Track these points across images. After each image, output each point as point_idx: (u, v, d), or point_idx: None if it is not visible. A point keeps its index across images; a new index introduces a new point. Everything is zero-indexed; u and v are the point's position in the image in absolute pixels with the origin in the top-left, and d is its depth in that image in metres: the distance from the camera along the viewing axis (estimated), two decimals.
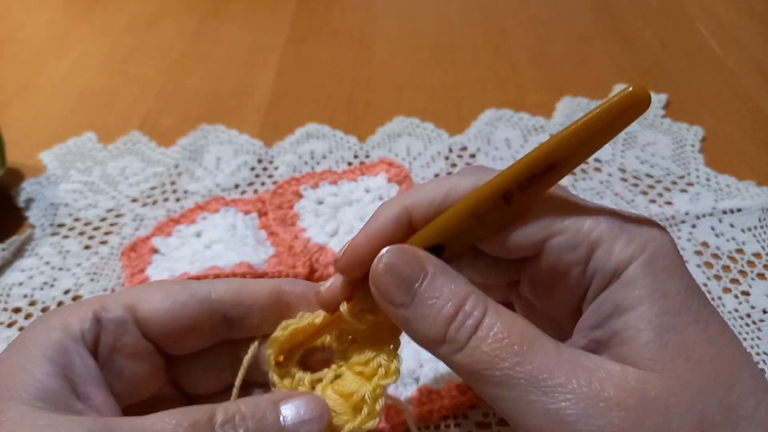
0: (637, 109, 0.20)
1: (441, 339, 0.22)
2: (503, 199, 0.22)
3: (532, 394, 0.20)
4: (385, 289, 0.23)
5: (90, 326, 0.24)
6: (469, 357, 0.21)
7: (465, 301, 0.22)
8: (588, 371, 0.20)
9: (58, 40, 0.76)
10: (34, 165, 0.57)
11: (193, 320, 0.26)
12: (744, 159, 0.55)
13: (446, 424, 0.37)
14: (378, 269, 0.23)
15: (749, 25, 0.73)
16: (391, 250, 0.23)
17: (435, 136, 0.58)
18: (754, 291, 0.44)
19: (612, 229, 0.22)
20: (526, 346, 0.20)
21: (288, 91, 0.66)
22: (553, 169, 0.22)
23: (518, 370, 0.20)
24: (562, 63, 0.68)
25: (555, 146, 0.21)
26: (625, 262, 0.21)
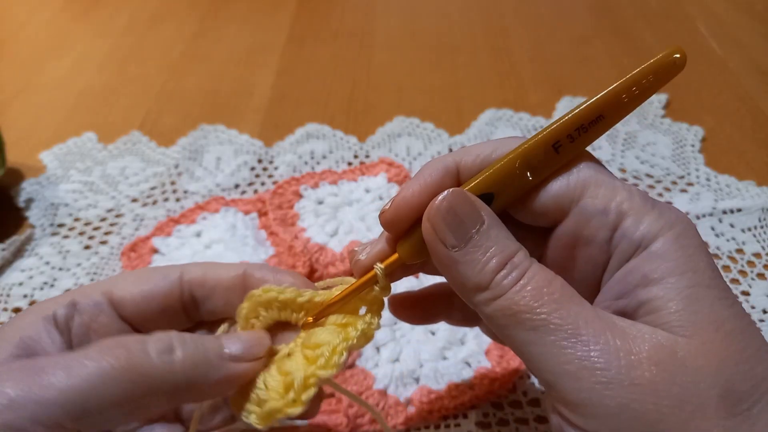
0: (674, 69, 0.23)
1: (485, 285, 0.22)
2: (553, 148, 0.23)
3: (566, 340, 0.20)
4: (443, 229, 0.23)
5: (64, 309, 0.26)
6: (509, 301, 0.21)
7: (514, 254, 0.22)
8: (620, 329, 0.21)
9: (58, 40, 0.76)
10: (34, 165, 0.57)
11: (165, 299, 0.27)
12: (744, 159, 0.55)
13: (446, 424, 0.37)
14: (439, 208, 0.23)
15: (749, 25, 0.73)
16: (452, 192, 0.23)
17: (435, 136, 0.58)
18: (754, 291, 0.44)
19: (644, 203, 0.23)
20: (565, 298, 0.21)
21: (288, 91, 0.66)
22: (601, 121, 0.24)
23: (555, 316, 0.21)
24: (562, 63, 0.68)
25: (604, 99, 0.24)
26: (653, 235, 0.22)
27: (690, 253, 0.22)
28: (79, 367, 0.21)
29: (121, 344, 0.22)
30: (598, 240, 0.23)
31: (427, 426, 0.37)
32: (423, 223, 0.24)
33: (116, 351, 0.22)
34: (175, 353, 0.23)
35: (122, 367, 0.21)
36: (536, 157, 0.23)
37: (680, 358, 0.20)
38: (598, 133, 0.24)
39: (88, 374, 0.21)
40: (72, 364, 0.21)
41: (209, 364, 0.24)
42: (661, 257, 0.22)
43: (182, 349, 0.23)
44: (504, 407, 0.38)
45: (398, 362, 0.39)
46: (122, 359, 0.21)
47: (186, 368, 0.23)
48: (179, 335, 0.24)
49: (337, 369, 0.24)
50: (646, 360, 0.20)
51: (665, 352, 0.20)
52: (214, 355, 0.24)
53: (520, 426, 0.37)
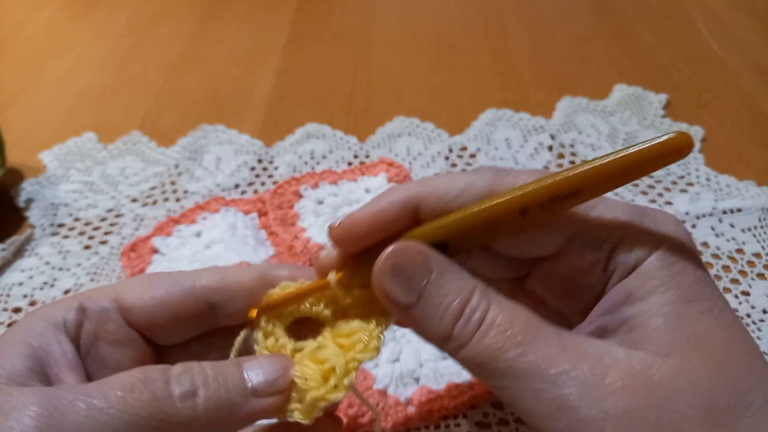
0: (677, 155, 0.21)
1: (448, 336, 0.22)
2: (519, 212, 0.22)
3: (535, 382, 0.20)
4: (391, 291, 0.23)
5: (74, 315, 0.25)
6: (474, 351, 0.21)
7: (470, 296, 0.22)
8: (591, 357, 0.20)
9: (58, 40, 0.76)
10: (34, 165, 0.57)
11: (177, 307, 0.26)
12: (744, 159, 0.55)
13: (446, 424, 0.37)
14: (383, 269, 0.22)
15: (749, 25, 0.73)
16: (395, 249, 0.22)
17: (435, 136, 0.58)
18: (754, 291, 0.44)
19: (632, 226, 0.22)
20: (529, 337, 0.21)
21: (288, 91, 0.66)
22: (577, 195, 0.22)
23: (522, 360, 0.20)
24: (562, 63, 0.68)
25: (586, 175, 0.21)
26: (645, 255, 0.22)
27: (676, 270, 0.22)
28: (102, 410, 0.20)
29: (147, 384, 0.21)
30: (594, 272, 0.23)
31: (427, 426, 0.37)
32: (372, 283, 0.23)
33: (141, 393, 0.21)
34: (197, 397, 0.22)
35: (146, 413, 0.20)
36: (500, 219, 0.22)
37: (656, 381, 0.19)
38: (571, 205, 0.22)
39: (111, 419, 0.20)
40: (94, 405, 0.20)
41: (232, 403, 0.22)
42: (646, 275, 0.22)
43: (204, 390, 0.22)
44: (504, 407, 0.38)
45: (398, 362, 0.39)
46: (146, 404, 0.20)
47: (209, 412, 0.22)
48: (201, 371, 0.22)
49: (377, 353, 0.24)
50: (620, 389, 0.19)
51: (640, 377, 0.20)
52: (237, 393, 0.23)
53: (520, 426, 0.37)
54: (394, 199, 0.24)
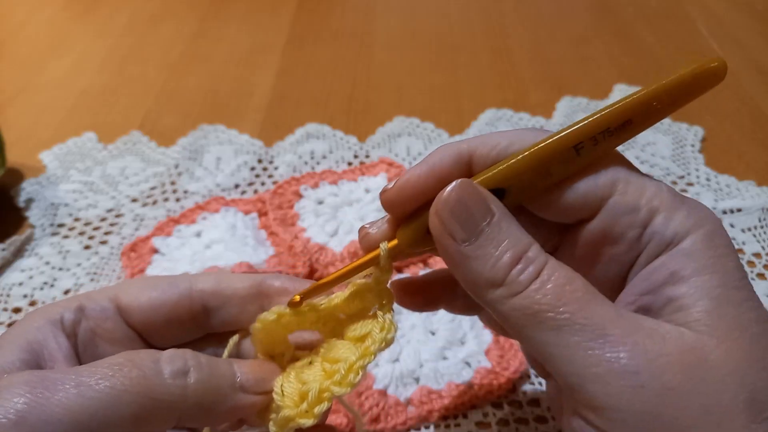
0: (714, 79, 0.22)
1: (499, 281, 0.21)
2: (575, 149, 0.22)
3: (592, 341, 0.19)
4: (451, 222, 0.22)
5: (71, 313, 0.25)
6: (529, 299, 0.20)
7: (528, 248, 0.21)
8: (647, 329, 0.20)
9: (58, 40, 0.76)
10: (34, 165, 0.57)
11: (174, 309, 0.26)
12: (744, 159, 0.55)
13: (446, 424, 0.37)
14: (447, 200, 0.22)
15: (749, 25, 0.73)
16: (461, 184, 0.22)
17: (435, 136, 0.58)
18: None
19: (673, 200, 0.22)
20: (589, 296, 0.20)
21: (288, 91, 0.66)
22: (628, 126, 0.22)
23: (580, 315, 0.20)
24: (562, 63, 0.68)
25: (635, 104, 0.22)
26: (684, 233, 0.21)
27: (719, 253, 0.21)
28: (91, 385, 0.20)
29: (135, 363, 0.21)
30: (627, 238, 0.23)
31: (427, 426, 0.37)
32: (430, 217, 0.22)
33: (130, 371, 0.21)
34: (188, 376, 0.22)
35: (135, 389, 0.21)
36: (555, 157, 0.22)
37: (709, 363, 0.19)
38: (623, 138, 0.23)
39: (100, 394, 0.20)
40: (83, 381, 0.20)
41: (220, 392, 0.23)
42: (690, 255, 0.21)
43: (197, 372, 0.22)
44: (504, 407, 0.38)
45: (398, 362, 0.39)
46: (135, 381, 0.21)
47: (198, 394, 0.22)
48: (194, 356, 0.23)
49: (352, 387, 0.23)
50: (677, 363, 0.19)
51: (695, 355, 0.19)
52: (226, 383, 0.23)
53: (520, 426, 0.37)
54: (448, 153, 0.24)
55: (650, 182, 0.23)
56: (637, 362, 0.19)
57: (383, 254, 0.24)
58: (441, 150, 0.24)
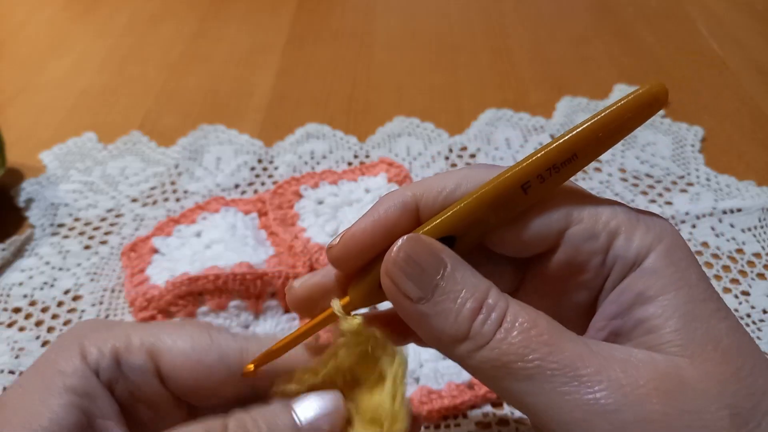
0: (655, 105, 0.21)
1: (464, 335, 0.20)
2: (522, 188, 0.22)
3: (567, 385, 0.19)
4: (403, 281, 0.21)
5: (108, 365, 0.23)
6: (496, 351, 0.20)
7: (487, 294, 0.21)
8: (619, 360, 0.19)
9: (58, 40, 0.76)
10: (34, 165, 0.57)
11: (219, 383, 0.24)
12: (744, 159, 0.55)
13: (446, 424, 0.37)
14: (396, 259, 0.21)
15: (749, 25, 0.73)
16: (408, 240, 0.21)
17: (435, 136, 0.58)
18: (754, 291, 0.44)
19: (629, 219, 0.22)
20: (556, 337, 0.20)
21: (288, 91, 0.66)
22: (574, 161, 0.22)
23: (551, 360, 0.19)
24: (562, 63, 0.68)
25: (577, 138, 0.21)
26: (645, 251, 0.21)
27: (682, 267, 0.21)
28: None
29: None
30: (591, 265, 0.22)
31: (427, 426, 0.37)
32: (381, 278, 0.22)
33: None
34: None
35: None
36: (502, 199, 0.22)
37: (686, 384, 0.19)
38: (571, 172, 0.22)
39: None
40: None
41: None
42: (654, 273, 0.21)
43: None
44: (504, 407, 0.38)
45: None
46: None
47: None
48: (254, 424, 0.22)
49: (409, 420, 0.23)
50: (654, 392, 0.18)
51: (670, 380, 0.19)
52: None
53: (520, 426, 0.37)
54: (393, 203, 0.23)
55: (604, 206, 0.22)
56: (615, 399, 0.18)
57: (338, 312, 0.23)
58: (385, 200, 0.23)
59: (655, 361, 0.19)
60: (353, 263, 0.23)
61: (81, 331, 0.24)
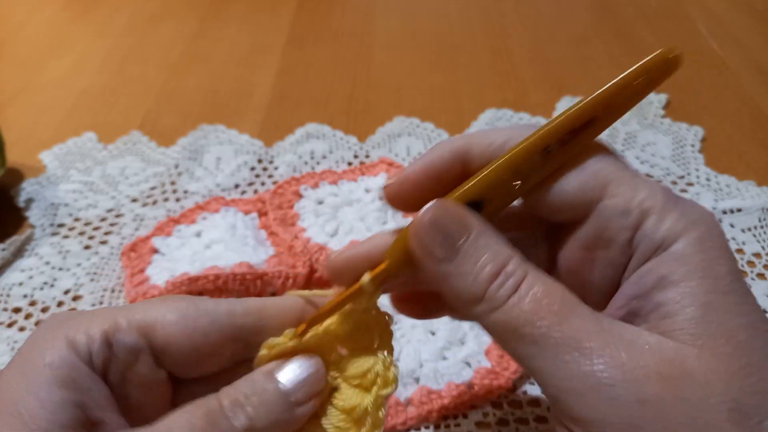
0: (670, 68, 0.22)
1: (480, 297, 0.21)
2: (543, 152, 0.22)
3: (568, 354, 0.19)
4: (430, 242, 0.22)
5: (99, 348, 0.22)
6: (507, 314, 0.21)
7: (507, 262, 0.21)
8: (626, 340, 0.20)
9: (58, 40, 0.76)
10: (34, 165, 0.57)
11: (214, 347, 0.24)
12: (744, 159, 0.55)
13: (446, 424, 0.37)
14: (423, 222, 0.22)
15: (749, 25, 0.73)
16: (436, 204, 0.22)
17: (435, 136, 0.58)
18: (754, 291, 0.44)
19: (666, 201, 0.22)
20: (567, 310, 0.20)
21: (288, 91, 0.66)
22: (593, 124, 0.22)
23: (556, 329, 0.20)
24: (562, 63, 0.68)
25: (596, 102, 0.22)
26: (675, 236, 0.21)
27: (711, 257, 0.21)
28: None
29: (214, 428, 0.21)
30: (619, 242, 0.22)
31: (427, 426, 0.37)
32: (409, 240, 0.23)
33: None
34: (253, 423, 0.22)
35: None
36: (525, 162, 0.23)
37: (689, 372, 0.19)
38: (591, 136, 0.23)
39: None
40: None
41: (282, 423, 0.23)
42: (680, 259, 0.21)
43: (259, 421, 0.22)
44: (504, 407, 0.38)
45: (398, 362, 0.39)
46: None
47: None
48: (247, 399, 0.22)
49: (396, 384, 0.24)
50: (654, 375, 0.19)
51: (673, 365, 0.19)
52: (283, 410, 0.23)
53: (520, 426, 0.37)
54: (445, 149, 0.24)
55: (643, 183, 0.22)
56: (612, 375, 0.19)
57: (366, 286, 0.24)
58: (439, 146, 0.24)
59: (662, 347, 0.20)
60: (407, 204, 0.25)
61: (59, 320, 0.23)
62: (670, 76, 0.22)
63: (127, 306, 0.25)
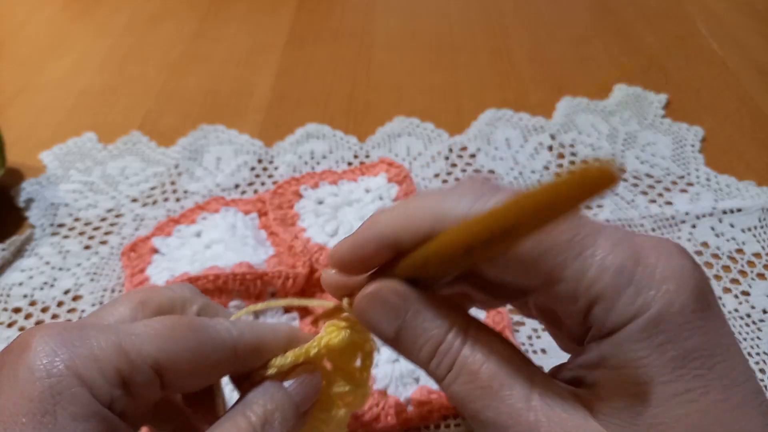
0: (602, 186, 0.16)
1: (426, 369, 0.23)
2: (465, 252, 0.20)
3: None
4: (372, 326, 0.24)
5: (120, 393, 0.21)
6: (447, 391, 0.22)
7: (443, 339, 0.22)
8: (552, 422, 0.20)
9: (58, 40, 0.76)
10: (34, 165, 0.57)
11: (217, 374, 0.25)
12: (744, 159, 0.55)
13: (446, 424, 0.37)
14: (363, 307, 0.24)
15: (749, 25, 0.73)
16: (372, 290, 0.24)
17: (435, 136, 0.58)
18: (754, 291, 0.44)
19: (617, 281, 0.20)
20: (495, 389, 0.21)
21: (288, 91, 0.66)
22: (514, 232, 0.19)
23: (485, 413, 0.21)
24: (562, 63, 0.68)
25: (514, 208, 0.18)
26: (623, 322, 0.20)
27: (659, 342, 0.19)
28: None
29: None
30: (573, 321, 0.22)
31: (427, 426, 0.37)
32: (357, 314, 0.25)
33: None
34: None
35: None
36: (450, 258, 0.21)
37: None
38: (512, 243, 0.20)
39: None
40: None
41: None
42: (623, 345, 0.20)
43: None
44: None
45: (398, 362, 0.39)
46: None
47: None
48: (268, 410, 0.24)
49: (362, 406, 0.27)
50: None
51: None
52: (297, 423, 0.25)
53: None
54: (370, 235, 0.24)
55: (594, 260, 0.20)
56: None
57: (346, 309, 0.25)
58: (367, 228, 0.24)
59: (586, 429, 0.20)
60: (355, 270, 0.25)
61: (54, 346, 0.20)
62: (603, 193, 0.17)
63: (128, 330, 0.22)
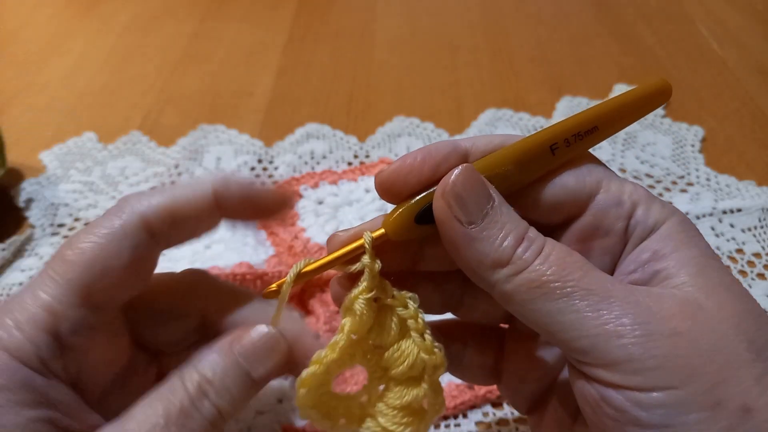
0: (662, 98, 0.27)
1: (506, 261, 0.22)
2: (550, 148, 0.25)
3: (600, 303, 0.21)
4: (457, 205, 0.23)
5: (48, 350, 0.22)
6: (536, 273, 0.22)
7: (527, 230, 0.23)
8: (644, 291, 0.22)
9: (58, 39, 0.76)
10: (34, 165, 0.57)
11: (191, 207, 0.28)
12: (744, 159, 0.55)
13: (446, 424, 0.37)
14: (454, 183, 0.23)
15: (749, 25, 0.73)
16: (465, 169, 0.23)
17: (435, 136, 0.58)
18: (754, 291, 0.44)
19: (648, 195, 0.25)
20: (588, 267, 0.22)
21: (288, 91, 0.66)
22: (595, 132, 0.26)
23: (585, 282, 0.21)
24: (562, 63, 0.68)
25: (598, 113, 0.26)
26: (661, 220, 0.24)
27: (693, 234, 0.24)
28: None
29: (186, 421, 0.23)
30: (615, 230, 0.25)
31: None
32: (435, 200, 0.23)
33: None
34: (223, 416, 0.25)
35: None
36: (532, 154, 0.25)
37: (706, 311, 0.21)
38: (591, 143, 0.26)
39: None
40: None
41: None
42: (669, 236, 0.24)
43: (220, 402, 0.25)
44: (504, 407, 0.38)
45: None
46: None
47: None
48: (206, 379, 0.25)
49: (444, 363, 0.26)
50: (678, 313, 0.21)
51: (693, 306, 0.21)
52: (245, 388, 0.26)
53: (520, 426, 0.37)
54: (444, 143, 0.25)
55: (628, 181, 0.26)
56: (644, 316, 0.20)
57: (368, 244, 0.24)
58: (438, 143, 0.25)
59: (675, 294, 0.21)
60: (400, 190, 0.25)
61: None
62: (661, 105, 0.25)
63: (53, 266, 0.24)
